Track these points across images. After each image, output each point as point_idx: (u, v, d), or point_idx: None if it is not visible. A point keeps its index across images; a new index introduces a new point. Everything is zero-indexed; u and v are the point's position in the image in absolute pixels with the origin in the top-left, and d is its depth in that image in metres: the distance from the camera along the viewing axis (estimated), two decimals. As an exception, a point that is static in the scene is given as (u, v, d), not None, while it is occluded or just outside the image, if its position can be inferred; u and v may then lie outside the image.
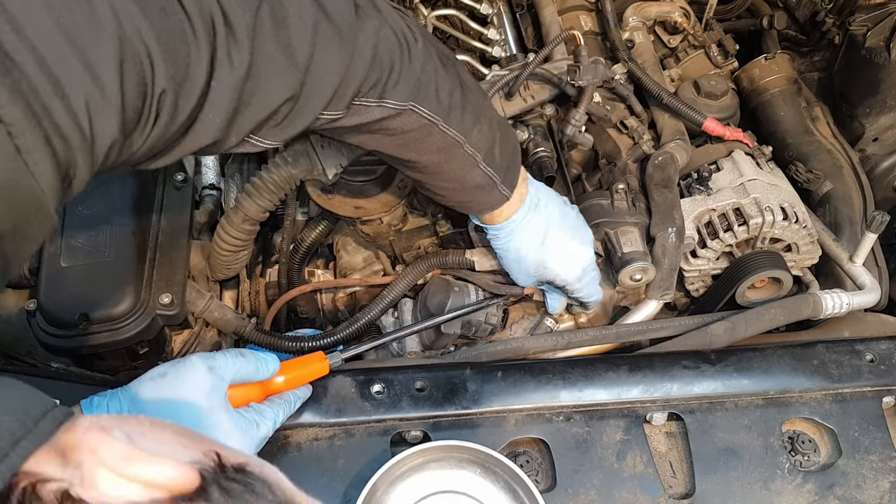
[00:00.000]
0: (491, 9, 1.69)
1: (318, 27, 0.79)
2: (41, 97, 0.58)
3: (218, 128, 0.75)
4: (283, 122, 0.82)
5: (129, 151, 0.69)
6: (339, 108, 0.86)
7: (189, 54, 0.68)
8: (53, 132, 0.59)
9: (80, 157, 0.63)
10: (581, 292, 1.22)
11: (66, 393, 1.05)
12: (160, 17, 0.66)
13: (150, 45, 0.65)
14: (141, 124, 0.67)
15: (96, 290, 1.12)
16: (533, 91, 1.42)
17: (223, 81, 0.72)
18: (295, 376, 1.04)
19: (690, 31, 1.68)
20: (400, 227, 1.36)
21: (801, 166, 1.47)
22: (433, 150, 1.00)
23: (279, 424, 0.99)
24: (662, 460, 1.11)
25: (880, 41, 1.49)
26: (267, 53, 0.75)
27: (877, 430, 1.13)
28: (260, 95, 0.77)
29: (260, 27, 0.74)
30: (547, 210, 1.17)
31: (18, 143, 0.57)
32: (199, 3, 0.69)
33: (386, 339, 1.17)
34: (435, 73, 0.93)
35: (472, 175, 1.06)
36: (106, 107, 0.62)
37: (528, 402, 1.11)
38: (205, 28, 0.69)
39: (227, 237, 1.25)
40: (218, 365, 0.94)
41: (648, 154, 1.40)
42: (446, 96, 0.95)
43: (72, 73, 0.60)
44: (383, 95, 0.88)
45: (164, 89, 0.67)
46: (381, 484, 0.98)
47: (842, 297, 1.27)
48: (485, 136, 1.03)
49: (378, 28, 0.85)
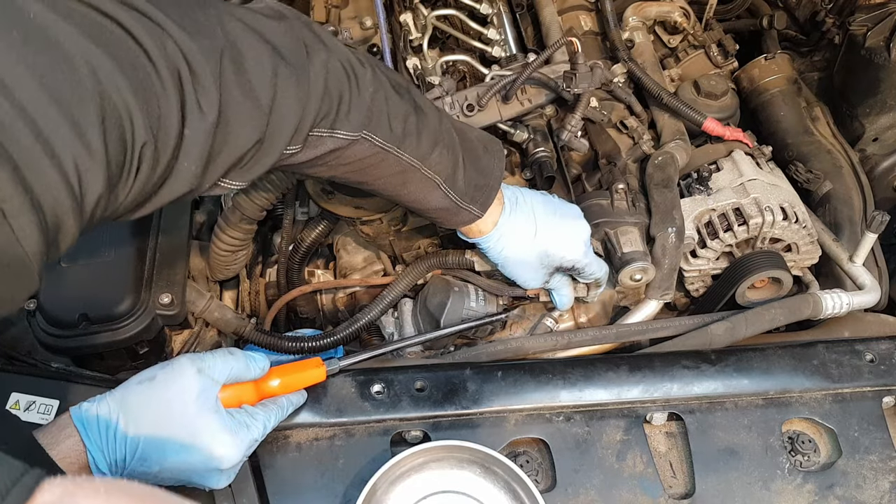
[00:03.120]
0: (491, 9, 1.69)
1: (276, 69, 0.81)
2: (31, 160, 0.58)
3: (194, 175, 0.76)
4: (249, 163, 0.83)
5: (114, 206, 0.70)
6: (297, 143, 0.87)
7: (160, 106, 0.69)
8: (44, 195, 0.59)
9: (69, 216, 0.63)
10: (591, 267, 1.22)
11: (66, 393, 1.06)
12: (132, 71, 0.67)
13: (127, 100, 0.66)
14: (123, 178, 0.68)
15: (96, 290, 1.12)
16: (530, 95, 1.42)
17: (196, 129, 0.73)
18: (290, 380, 1.03)
19: (690, 31, 1.68)
20: (400, 227, 1.36)
21: (801, 166, 1.47)
22: (389, 175, 1.01)
23: (270, 429, 0.99)
24: (662, 460, 1.11)
25: (880, 41, 1.49)
26: (234, 99, 0.77)
27: (877, 430, 1.13)
28: (231, 140, 0.78)
29: (224, 74, 0.75)
30: (528, 204, 1.18)
31: (4, 208, 0.57)
32: (164, 55, 0.70)
33: (387, 349, 1.16)
34: (386, 101, 0.95)
35: (433, 197, 1.07)
36: (93, 164, 0.63)
37: (528, 402, 1.11)
38: (172, 79, 0.70)
39: (225, 237, 1.26)
40: (207, 366, 0.94)
41: (648, 154, 1.40)
42: (399, 123, 0.97)
43: (59, 132, 0.60)
44: (334, 126, 0.90)
45: (146, 141, 0.68)
46: (381, 484, 0.98)
47: (842, 297, 1.27)
48: (445, 159, 1.04)
49: (326, 61, 0.87)
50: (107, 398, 0.90)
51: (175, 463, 0.89)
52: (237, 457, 0.92)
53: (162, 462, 0.88)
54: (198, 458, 0.89)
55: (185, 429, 0.89)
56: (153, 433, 0.88)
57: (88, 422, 0.87)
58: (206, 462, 0.90)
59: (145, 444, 0.87)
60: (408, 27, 1.62)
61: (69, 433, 0.87)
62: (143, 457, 0.87)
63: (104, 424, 0.87)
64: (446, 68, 1.60)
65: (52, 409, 1.04)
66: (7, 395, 1.04)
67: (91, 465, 0.86)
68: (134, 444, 0.87)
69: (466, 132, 1.12)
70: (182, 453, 0.89)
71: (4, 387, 1.05)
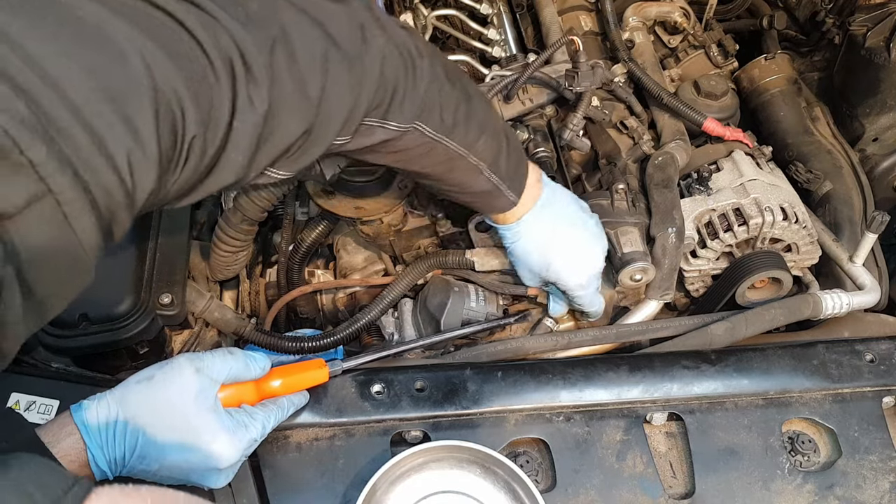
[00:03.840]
0: (491, 9, 1.70)
1: (327, 57, 0.79)
2: (88, 160, 0.58)
3: (241, 166, 0.76)
4: (296, 153, 0.83)
5: (162, 196, 0.70)
6: (348, 133, 0.87)
7: (212, 98, 0.69)
8: (99, 193, 0.60)
9: (122, 211, 0.64)
10: (583, 300, 1.21)
11: (66, 393, 1.06)
12: (186, 63, 0.66)
13: (180, 93, 0.65)
14: (172, 169, 0.68)
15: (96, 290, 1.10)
16: (531, 94, 1.42)
17: (246, 122, 0.73)
18: (292, 381, 1.03)
19: (690, 31, 1.68)
20: (400, 228, 1.36)
21: (801, 166, 1.47)
22: (437, 163, 1.02)
23: (270, 429, 0.98)
24: (662, 460, 1.11)
25: (880, 41, 1.49)
26: (284, 91, 0.76)
27: (877, 430, 1.13)
28: (278, 132, 0.78)
29: (276, 66, 0.75)
30: (558, 213, 1.17)
31: (66, 211, 0.57)
32: (217, 46, 0.69)
33: (390, 351, 1.15)
34: (439, 92, 0.94)
35: (477, 182, 1.07)
36: (145, 160, 0.63)
37: (528, 402, 1.11)
38: (225, 70, 0.70)
39: (225, 237, 1.25)
40: (206, 366, 0.93)
41: (648, 154, 1.40)
42: (450, 115, 0.96)
43: (114, 131, 0.60)
44: (386, 117, 0.89)
45: (195, 134, 0.68)
46: (381, 484, 0.98)
47: (842, 297, 1.27)
48: (490, 146, 1.04)
49: (383, 48, 0.85)
50: (106, 397, 0.90)
51: (174, 461, 0.89)
52: (235, 456, 0.92)
53: (161, 460, 0.88)
54: (196, 457, 0.89)
55: (183, 428, 0.89)
56: (152, 432, 0.88)
57: (88, 420, 0.87)
58: (205, 461, 0.90)
59: (144, 442, 0.87)
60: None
61: (69, 431, 0.87)
62: (142, 455, 0.88)
63: (104, 423, 0.87)
64: (446, 68, 1.60)
65: (52, 409, 1.04)
66: (7, 395, 1.04)
67: (91, 464, 0.86)
68: (133, 443, 0.87)
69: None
70: (180, 452, 0.89)
71: (4, 387, 1.05)
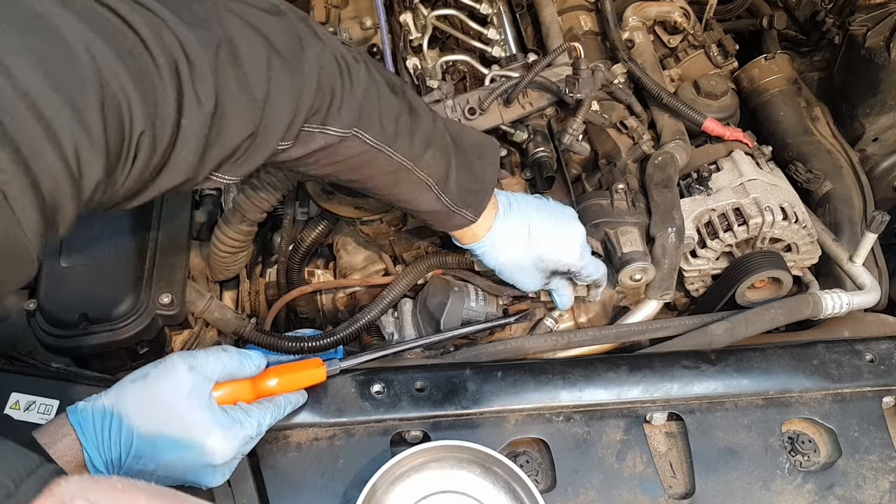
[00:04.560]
0: (491, 9, 1.69)
1: (270, 63, 0.81)
2: (32, 142, 0.58)
3: (190, 164, 0.76)
4: (242, 157, 0.83)
5: (111, 192, 0.70)
6: (290, 138, 0.87)
7: (157, 95, 0.70)
8: (43, 177, 0.60)
9: (68, 200, 0.63)
10: (588, 269, 1.21)
11: (66, 393, 1.06)
12: (130, 60, 0.67)
13: (126, 88, 0.66)
14: (121, 165, 0.69)
15: (96, 290, 1.12)
16: (532, 98, 1.42)
17: (193, 120, 0.73)
18: (289, 380, 1.03)
19: (690, 31, 1.68)
20: (400, 228, 1.36)
21: (801, 166, 1.47)
22: (381, 174, 1.01)
23: (266, 426, 0.98)
24: (662, 460, 1.11)
25: (880, 41, 1.49)
26: (230, 92, 0.77)
27: (877, 430, 1.13)
28: (225, 133, 0.78)
29: (220, 67, 0.76)
30: (521, 208, 1.17)
31: (5, 190, 0.57)
32: (161, 44, 0.70)
33: (389, 350, 1.15)
34: (378, 98, 0.94)
35: (425, 199, 1.06)
36: (92, 149, 0.63)
37: (528, 402, 1.11)
38: (169, 69, 0.70)
39: (225, 238, 1.25)
40: (199, 363, 0.94)
41: (648, 154, 1.40)
42: (391, 122, 0.96)
43: (61, 116, 0.60)
44: (326, 122, 0.89)
45: (143, 130, 0.68)
46: (381, 484, 0.98)
47: (842, 297, 1.27)
48: (437, 162, 1.03)
49: (319, 55, 0.86)
50: (102, 397, 0.91)
51: (169, 460, 0.89)
52: (230, 453, 0.92)
53: (157, 459, 0.88)
54: (191, 455, 0.90)
55: (177, 425, 0.89)
56: (147, 430, 0.88)
57: (84, 420, 0.88)
58: (200, 458, 0.90)
59: (139, 441, 0.87)
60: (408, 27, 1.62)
61: (66, 432, 0.87)
62: (138, 454, 0.88)
63: (99, 422, 0.88)
64: (446, 68, 1.60)
65: (52, 409, 1.04)
66: (7, 395, 1.04)
67: (87, 464, 0.86)
68: (128, 442, 0.87)
69: (460, 136, 1.11)
70: (175, 450, 0.89)
71: (4, 387, 1.05)
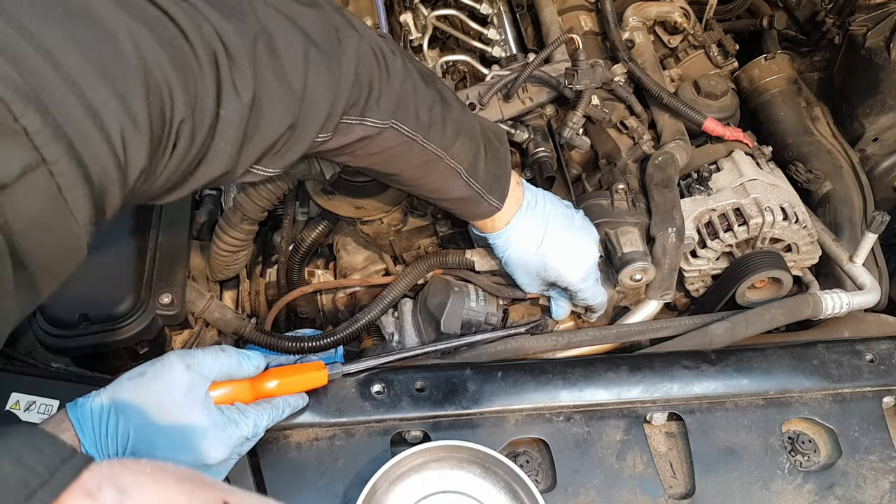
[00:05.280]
0: (491, 9, 1.70)
1: (308, 55, 0.81)
2: (83, 133, 0.58)
3: (229, 156, 0.76)
4: (282, 149, 0.84)
5: (151, 181, 0.70)
6: (329, 130, 0.88)
7: (197, 85, 0.70)
8: (93, 166, 0.60)
9: (115, 187, 0.64)
10: (586, 293, 1.21)
11: (66, 393, 1.05)
12: (171, 49, 0.67)
13: (168, 76, 0.66)
14: (161, 152, 0.69)
15: (96, 290, 1.12)
16: (531, 93, 1.42)
17: (232, 110, 0.73)
18: (289, 382, 1.03)
19: (690, 31, 1.68)
20: (400, 228, 1.36)
21: (801, 166, 1.47)
22: (414, 165, 1.02)
23: (263, 428, 0.98)
24: (662, 460, 1.11)
25: (880, 41, 1.49)
26: (268, 83, 0.77)
27: (877, 430, 1.13)
28: (265, 124, 0.79)
29: (258, 58, 0.76)
30: (546, 212, 1.17)
31: (60, 182, 0.57)
32: (201, 35, 0.70)
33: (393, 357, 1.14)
34: (414, 90, 0.95)
35: (455, 187, 1.07)
36: (138, 136, 0.64)
37: (528, 402, 1.11)
38: (208, 59, 0.71)
39: (225, 237, 1.26)
40: (196, 363, 0.94)
41: (648, 154, 1.40)
42: (426, 113, 0.97)
43: (108, 105, 0.60)
44: (364, 114, 0.90)
45: (184, 118, 0.68)
46: (381, 484, 0.98)
47: (842, 297, 1.27)
48: (467, 148, 1.04)
49: (357, 48, 0.87)
50: (100, 394, 0.91)
51: (164, 458, 0.89)
52: (224, 453, 0.92)
53: (153, 456, 0.88)
54: (185, 453, 0.90)
55: (172, 424, 0.90)
56: (142, 428, 0.88)
57: (83, 417, 0.88)
58: (194, 457, 0.90)
59: (135, 438, 0.88)
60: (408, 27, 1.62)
61: (65, 427, 0.87)
62: (134, 451, 0.88)
63: (97, 419, 0.88)
64: (446, 68, 1.60)
65: (51, 409, 1.04)
66: (7, 395, 1.04)
67: None
68: (125, 439, 0.88)
69: (482, 123, 1.12)
70: (171, 448, 0.89)
71: (4, 387, 1.05)
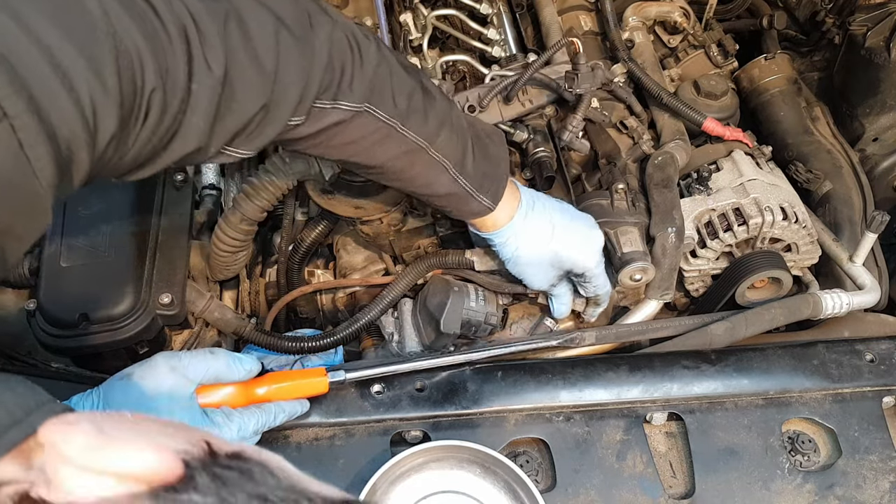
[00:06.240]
0: (491, 9, 1.69)
1: (279, 36, 0.81)
2: (48, 90, 0.58)
3: (202, 131, 0.76)
4: (255, 131, 0.83)
5: (123, 151, 0.70)
6: (301, 113, 0.87)
7: (167, 59, 0.70)
8: (59, 125, 0.59)
9: (83, 150, 0.63)
10: (599, 279, 1.21)
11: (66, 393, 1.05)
12: (140, 21, 0.67)
13: (138, 44, 0.66)
14: (132, 122, 0.68)
15: (96, 290, 1.12)
16: (531, 95, 1.42)
17: (203, 84, 0.73)
18: (283, 388, 1.02)
19: (690, 31, 1.68)
20: (400, 228, 1.36)
21: (801, 166, 1.47)
22: (394, 156, 1.00)
23: (250, 432, 0.97)
24: (662, 460, 1.11)
25: (880, 41, 1.49)
26: (239, 62, 0.77)
27: (877, 430, 1.13)
28: (236, 104, 0.78)
29: (230, 37, 0.76)
30: (545, 207, 1.18)
31: (21, 138, 0.56)
32: (171, 10, 0.70)
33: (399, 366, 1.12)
34: (390, 75, 0.94)
35: (441, 182, 1.05)
36: (107, 100, 0.63)
37: (528, 402, 1.11)
38: (178, 34, 0.71)
39: (225, 238, 1.26)
40: (182, 365, 0.94)
41: (648, 154, 1.40)
42: (404, 99, 0.96)
43: (76, 65, 0.60)
44: (337, 97, 0.89)
45: (154, 87, 0.68)
46: (381, 484, 0.98)
47: (842, 297, 1.27)
48: (453, 144, 1.03)
49: (330, 33, 0.87)
50: (92, 393, 0.93)
51: None
52: None
53: None
54: None
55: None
56: None
57: None
58: None
59: None
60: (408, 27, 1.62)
61: None
62: None
63: None
64: (446, 68, 1.60)
65: (51, 409, 1.04)
66: (7, 395, 1.04)
67: None
68: None
69: (474, 122, 1.11)
70: None
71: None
